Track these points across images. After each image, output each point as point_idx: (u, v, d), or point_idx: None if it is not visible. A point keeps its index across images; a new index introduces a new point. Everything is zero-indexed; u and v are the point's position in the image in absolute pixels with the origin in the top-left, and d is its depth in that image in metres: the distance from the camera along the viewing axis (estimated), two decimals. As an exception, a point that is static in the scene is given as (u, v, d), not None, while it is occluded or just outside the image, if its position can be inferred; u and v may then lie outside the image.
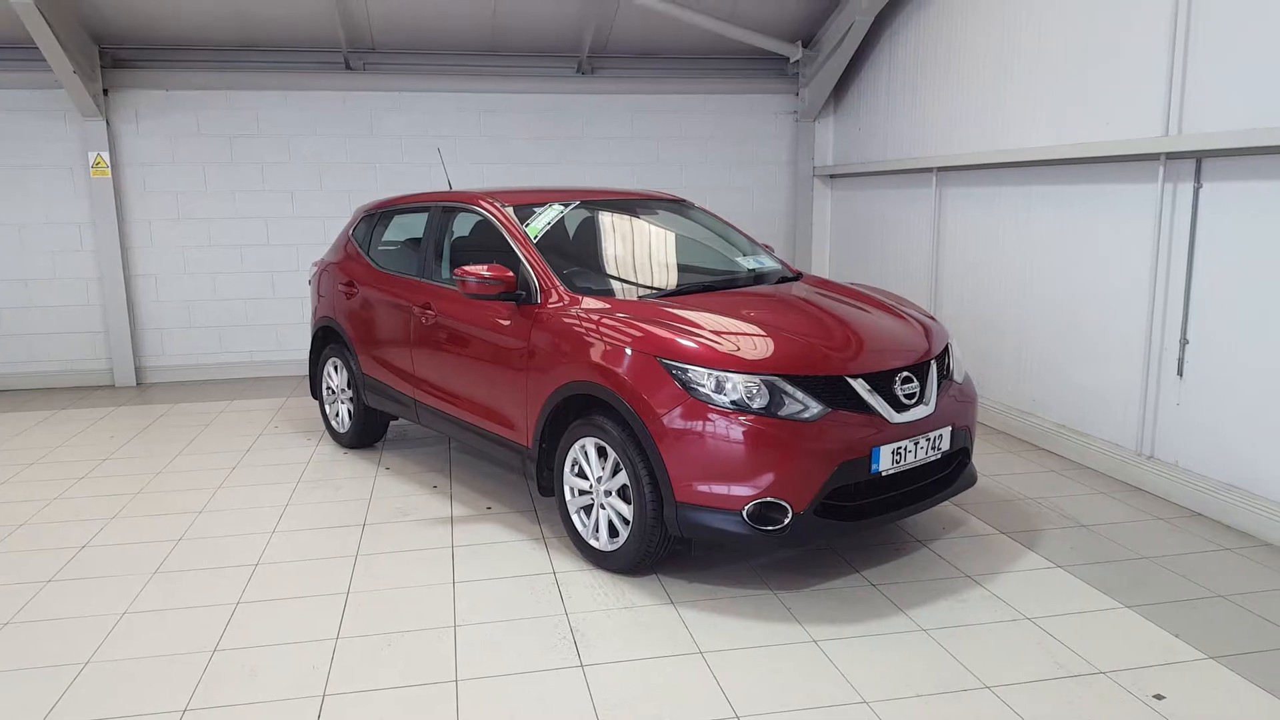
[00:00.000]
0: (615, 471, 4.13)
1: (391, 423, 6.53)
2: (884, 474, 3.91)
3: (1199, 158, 4.85)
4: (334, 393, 6.49)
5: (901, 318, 4.54)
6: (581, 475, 4.34)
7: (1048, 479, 5.49)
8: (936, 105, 7.41)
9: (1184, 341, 5.01)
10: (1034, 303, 6.23)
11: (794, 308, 4.54)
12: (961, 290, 7.11)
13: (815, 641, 3.58)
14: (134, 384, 8.83)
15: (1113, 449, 5.53)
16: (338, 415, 6.49)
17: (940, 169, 7.30)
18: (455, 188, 6.20)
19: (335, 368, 6.41)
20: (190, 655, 3.59)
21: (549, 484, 4.59)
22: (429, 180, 8.83)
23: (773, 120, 9.72)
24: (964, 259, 7.07)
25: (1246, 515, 4.59)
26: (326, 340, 6.53)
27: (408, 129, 9.00)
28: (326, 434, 6.72)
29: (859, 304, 4.68)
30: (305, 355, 7.02)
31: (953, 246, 7.22)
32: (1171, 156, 5.00)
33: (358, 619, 3.86)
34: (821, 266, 9.73)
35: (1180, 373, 5.04)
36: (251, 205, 8.87)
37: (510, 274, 4.63)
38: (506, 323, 4.70)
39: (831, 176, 9.55)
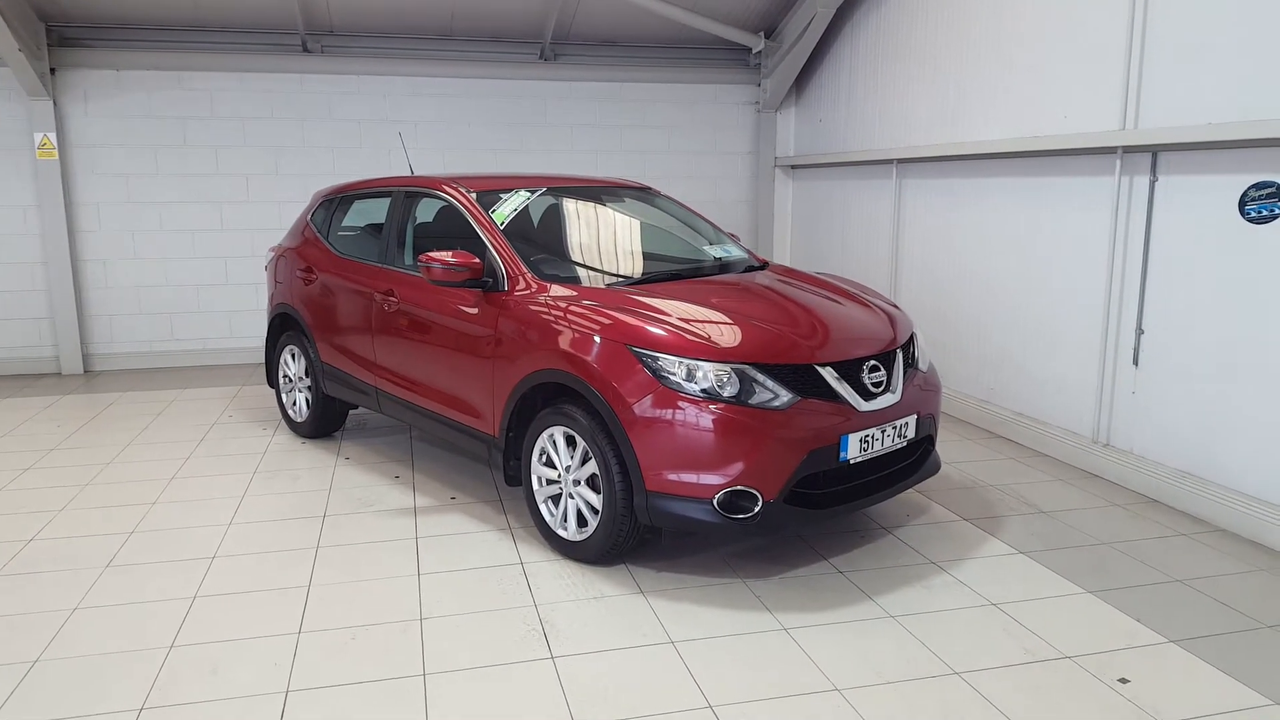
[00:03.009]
0: (584, 460, 4.10)
1: (351, 412, 6.43)
2: (852, 462, 3.93)
3: (1155, 151, 4.93)
4: (291, 381, 6.38)
5: (868, 307, 4.56)
6: (549, 464, 4.31)
7: (1007, 466, 5.56)
8: (897, 97, 7.46)
9: (1140, 331, 5.09)
10: (992, 293, 6.30)
11: (762, 296, 4.53)
12: (921, 280, 7.17)
13: (786, 629, 3.59)
14: (81, 371, 8.60)
15: (1070, 437, 5.61)
16: (295, 404, 6.38)
17: (900, 160, 7.34)
18: (417, 173, 6.11)
19: (293, 355, 6.30)
20: (146, 652, 3.50)
21: (516, 474, 4.55)
22: (387, 166, 8.71)
23: (735, 110, 9.71)
24: (923, 250, 7.13)
25: (1200, 501, 4.69)
26: (283, 327, 6.41)
27: (366, 114, 8.85)
28: (283, 423, 6.60)
29: (826, 293, 4.69)
30: (259, 343, 6.90)
31: (912, 237, 7.28)
32: (1128, 150, 5.07)
33: (320, 613, 3.79)
34: (783, 256, 9.76)
35: (1136, 362, 5.13)
36: (204, 189, 8.66)
37: (477, 260, 4.56)
38: (473, 310, 4.64)
39: (793, 167, 9.58)
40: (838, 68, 8.50)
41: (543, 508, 4.38)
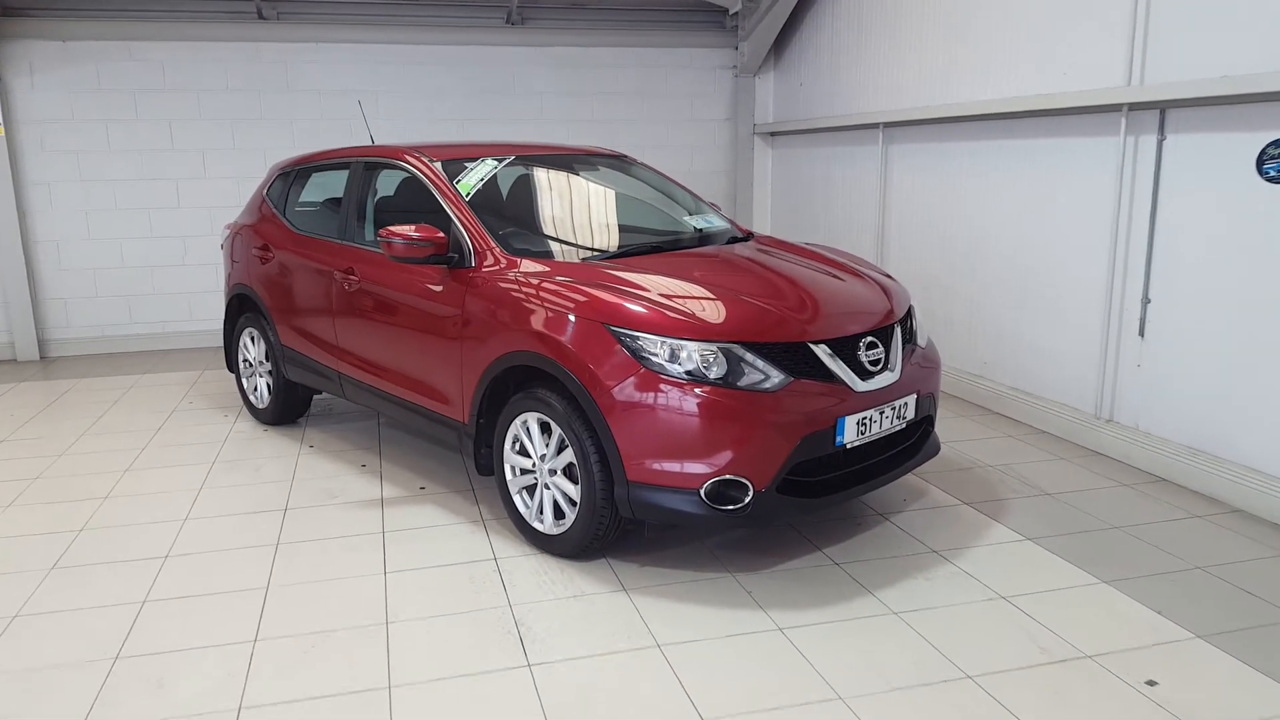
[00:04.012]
0: (560, 449, 3.81)
1: (315, 397, 6.11)
2: (849, 446, 3.65)
3: (1163, 108, 4.66)
4: (251, 365, 6.05)
5: (862, 279, 4.28)
6: (523, 453, 4.01)
7: (1005, 444, 5.31)
8: (883, 57, 7.14)
9: (1146, 301, 4.84)
10: (987, 262, 6.03)
11: (748, 270, 4.24)
12: (909, 250, 6.89)
13: (781, 629, 3.32)
14: (37, 358, 8.22)
15: (1070, 412, 5.37)
16: (256, 389, 6.05)
17: (887, 124, 7.04)
18: (378, 143, 5.76)
19: (252, 338, 5.97)
20: (89, 664, 3.21)
21: (488, 462, 4.26)
22: (350, 137, 8.29)
23: (711, 76, 9.37)
24: (912, 217, 6.85)
25: (1213, 480, 4.45)
26: (242, 309, 6.08)
27: (327, 83, 8.45)
28: (245, 410, 6.27)
29: (817, 265, 4.40)
30: (220, 325, 6.57)
31: (900, 205, 7.00)
32: (1134, 107, 4.80)
33: (278, 617, 3.50)
34: (763, 227, 9.47)
35: (1142, 333, 4.88)
36: (160, 165, 8.26)
37: (441, 235, 4.24)
38: (438, 288, 4.33)
39: (772, 134, 9.27)
40: (819, 28, 8.17)
41: (517, 499, 4.09)
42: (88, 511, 4.59)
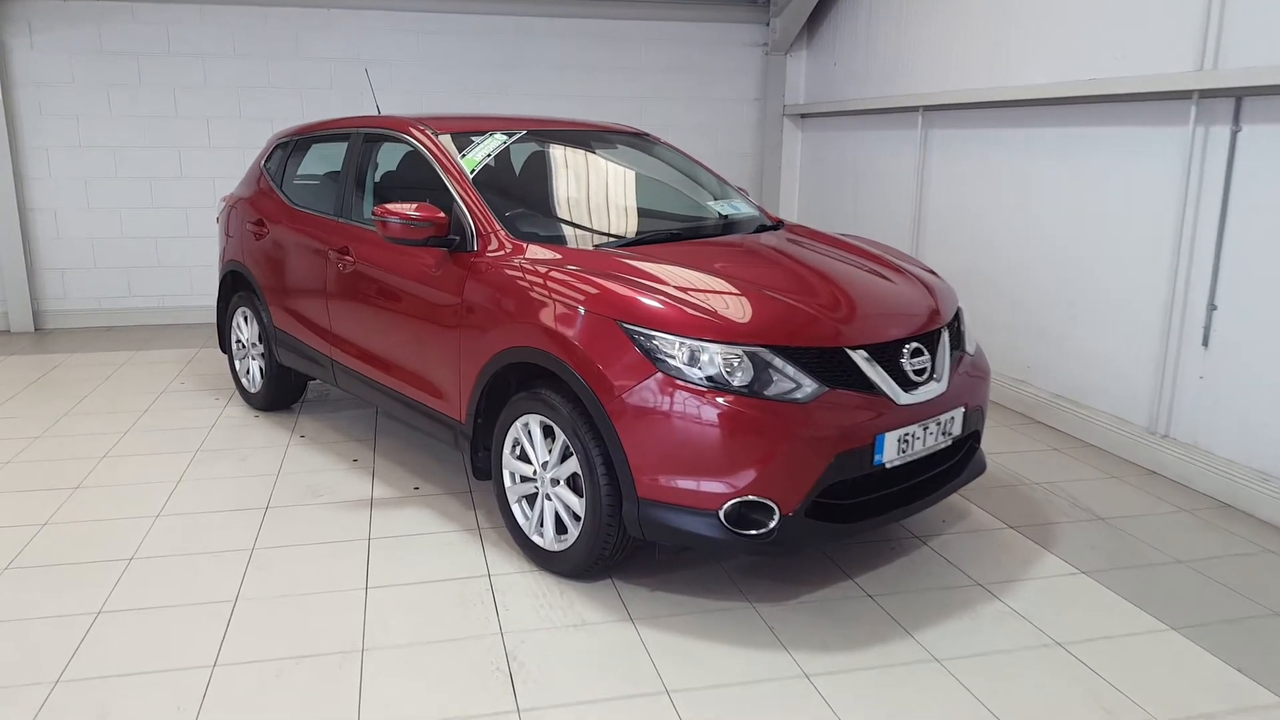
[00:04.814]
0: (564, 456, 3.42)
1: (311, 381, 5.75)
2: (888, 466, 3.25)
3: (1239, 96, 4.21)
4: (244, 347, 5.69)
5: (905, 276, 3.85)
6: (524, 458, 3.63)
7: (1050, 459, 4.89)
8: (925, 37, 6.68)
9: (1212, 308, 4.40)
10: (1034, 259, 5.58)
11: (779, 263, 3.83)
12: (948, 243, 6.45)
13: (806, 676, 2.92)
14: (32, 330, 7.94)
15: (1120, 425, 4.94)
16: (248, 373, 5.69)
17: (927, 108, 6.59)
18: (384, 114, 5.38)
19: (245, 318, 5.60)
20: (25, 688, 2.86)
21: (486, 466, 3.88)
22: (360, 108, 7.87)
23: (740, 53, 8.90)
24: (952, 207, 6.40)
25: (1285, 509, 4.03)
26: (235, 287, 5.72)
27: (338, 51, 8.06)
28: (237, 393, 5.91)
29: (855, 259, 3.98)
30: (221, 301, 6.28)
31: (939, 194, 6.55)
32: (1205, 95, 4.34)
33: (243, 638, 3.14)
34: (790, 213, 9.03)
35: (1206, 343, 4.45)
36: (162, 133, 7.92)
37: (441, 215, 3.85)
38: (436, 273, 3.94)
39: (803, 116, 8.81)
40: (856, 4, 7.69)
41: (515, 509, 3.71)
42: (55, 503, 4.25)
